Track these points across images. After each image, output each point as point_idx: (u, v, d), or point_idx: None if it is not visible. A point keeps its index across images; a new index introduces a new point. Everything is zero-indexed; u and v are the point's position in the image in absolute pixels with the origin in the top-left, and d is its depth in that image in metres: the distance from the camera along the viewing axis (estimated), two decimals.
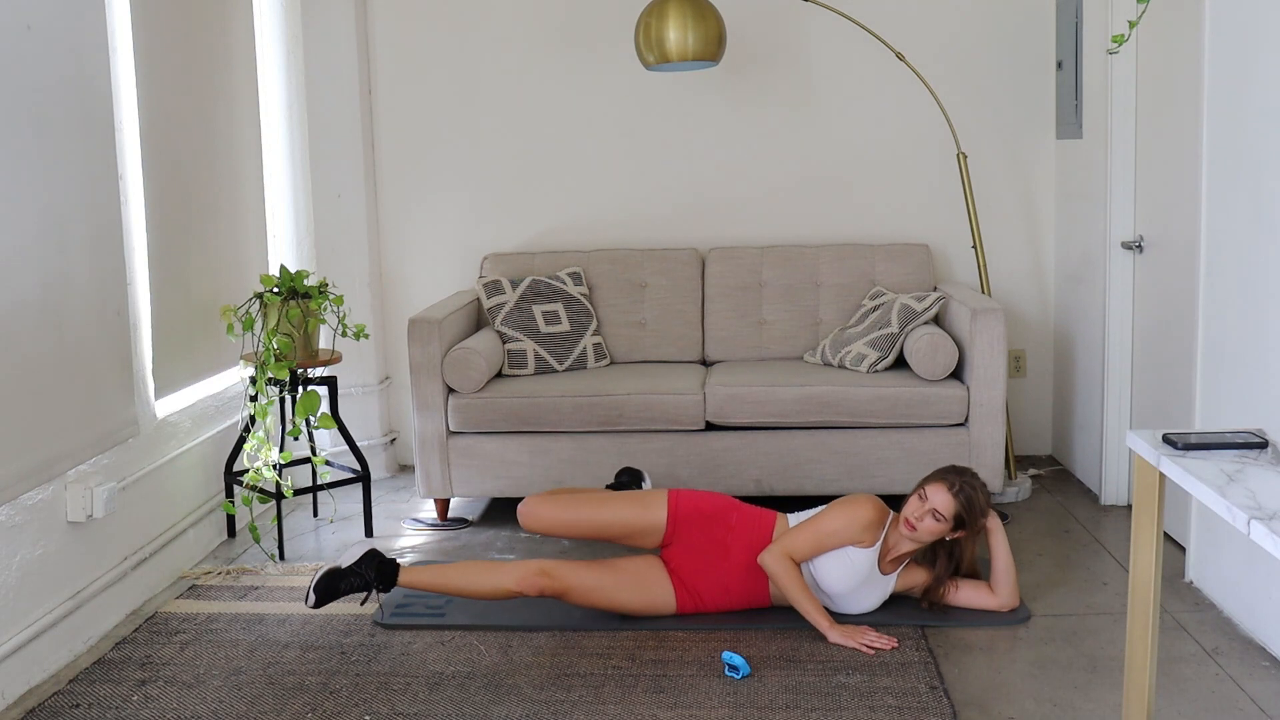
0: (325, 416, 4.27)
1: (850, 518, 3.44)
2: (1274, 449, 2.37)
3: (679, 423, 4.37)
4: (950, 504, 3.39)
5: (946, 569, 3.50)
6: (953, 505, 3.39)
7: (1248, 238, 3.31)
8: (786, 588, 3.40)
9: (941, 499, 3.39)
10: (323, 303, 4.27)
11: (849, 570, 3.44)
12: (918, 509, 3.42)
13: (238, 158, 4.56)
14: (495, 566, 3.58)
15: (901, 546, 3.47)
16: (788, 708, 2.99)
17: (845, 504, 3.50)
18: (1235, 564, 3.44)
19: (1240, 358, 3.37)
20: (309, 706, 3.06)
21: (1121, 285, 4.40)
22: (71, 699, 3.13)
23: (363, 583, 3.48)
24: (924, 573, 3.54)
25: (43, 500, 3.28)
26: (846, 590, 3.47)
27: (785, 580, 3.40)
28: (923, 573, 3.54)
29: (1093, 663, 3.23)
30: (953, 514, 3.39)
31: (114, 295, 3.60)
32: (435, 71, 5.21)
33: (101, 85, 3.54)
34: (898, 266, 4.91)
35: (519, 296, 4.79)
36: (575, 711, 3.00)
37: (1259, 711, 2.94)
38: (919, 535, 3.42)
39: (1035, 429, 5.24)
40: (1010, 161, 5.12)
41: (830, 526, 3.44)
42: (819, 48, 5.11)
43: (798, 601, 3.39)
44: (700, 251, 5.07)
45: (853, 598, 3.49)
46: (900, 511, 3.47)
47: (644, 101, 5.16)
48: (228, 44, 4.51)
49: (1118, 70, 4.29)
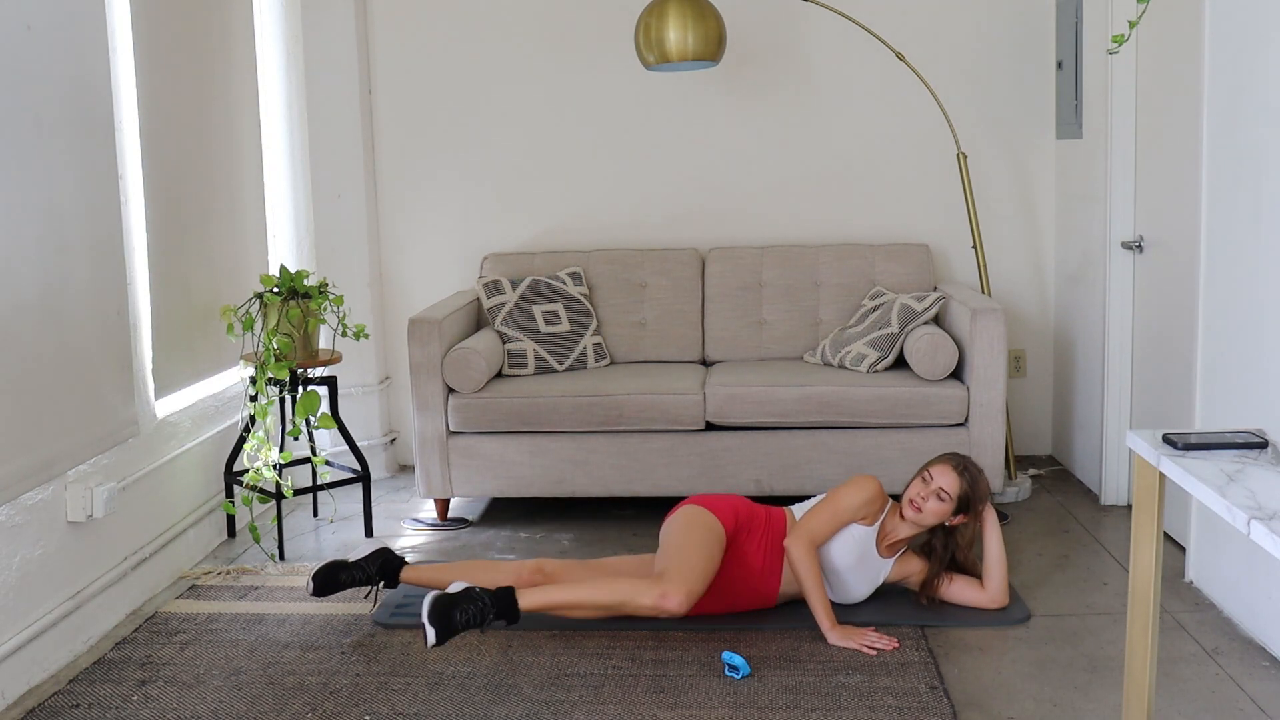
0: (325, 416, 4.27)
1: (861, 493, 3.48)
2: (1274, 449, 2.37)
3: (679, 423, 4.37)
4: (956, 483, 3.43)
5: (943, 558, 3.51)
6: (959, 485, 3.43)
7: (1248, 238, 3.31)
8: (805, 576, 3.39)
9: (948, 479, 3.43)
10: (323, 303, 4.27)
11: (851, 544, 3.48)
12: (922, 490, 3.45)
13: (237, 158, 4.56)
14: (495, 565, 3.62)
15: (899, 531, 3.50)
16: (788, 708, 2.99)
17: (853, 483, 3.53)
18: (1235, 564, 3.44)
19: (1240, 358, 3.37)
20: (309, 706, 3.06)
21: (1121, 285, 4.40)
22: (71, 699, 3.13)
23: (364, 576, 3.52)
24: (920, 562, 3.56)
25: (43, 500, 3.28)
26: (848, 565, 3.49)
27: (807, 569, 3.39)
28: (919, 562, 3.56)
29: (1093, 663, 3.23)
30: (958, 494, 3.42)
31: (114, 295, 3.60)
32: (435, 71, 5.21)
33: (101, 85, 3.54)
34: (898, 266, 4.91)
35: (519, 296, 4.79)
36: (575, 711, 3.00)
37: (1259, 711, 2.94)
38: (923, 518, 3.45)
39: (1035, 429, 5.24)
40: (1010, 161, 5.12)
41: (845, 504, 3.47)
42: (819, 48, 5.11)
43: (810, 592, 3.38)
44: (700, 251, 5.07)
45: (850, 578, 3.51)
46: (901, 497, 3.50)
47: (644, 101, 5.16)
48: (228, 44, 4.51)
49: (1118, 70, 4.29)
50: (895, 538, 3.50)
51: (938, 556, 3.52)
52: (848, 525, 3.47)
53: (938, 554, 3.52)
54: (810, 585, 3.39)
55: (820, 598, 3.38)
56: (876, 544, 3.51)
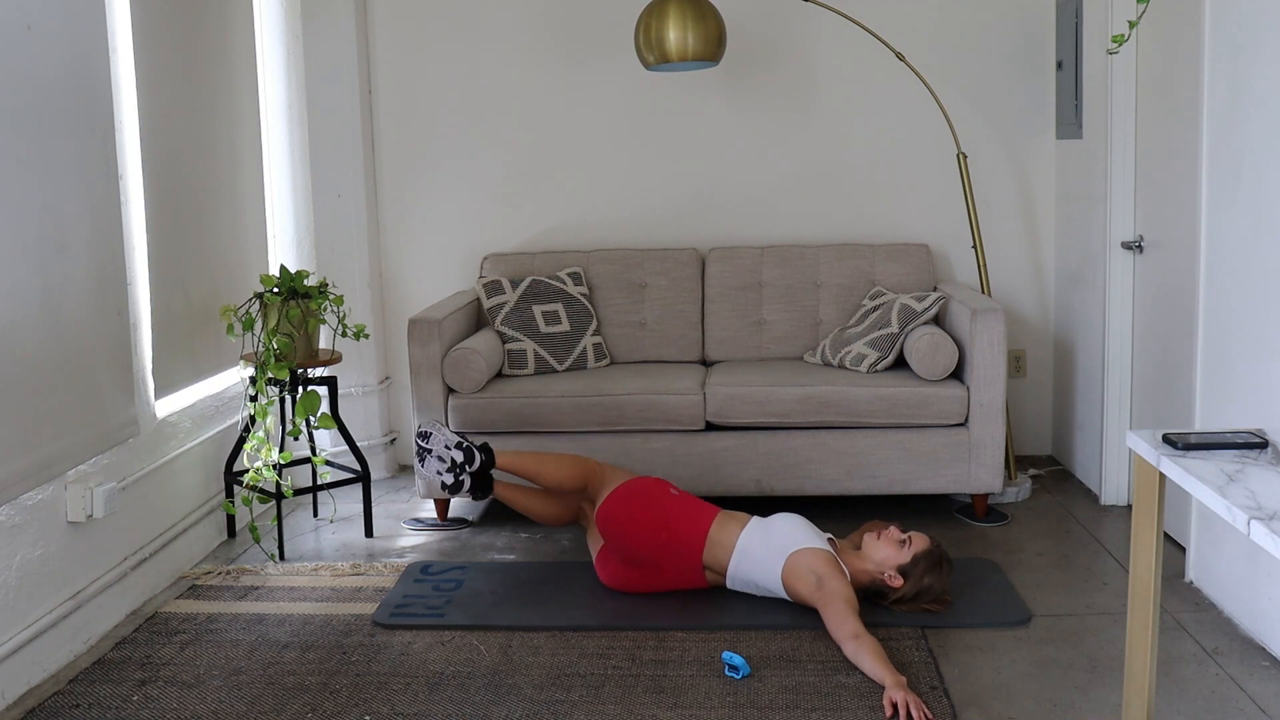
0: (325, 416, 4.27)
1: (831, 568, 3.44)
2: (1274, 449, 2.37)
3: (679, 423, 4.37)
4: (924, 544, 3.52)
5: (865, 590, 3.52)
6: (925, 545, 3.51)
7: (1248, 238, 3.31)
8: (870, 652, 3.13)
9: (921, 539, 3.53)
10: (323, 303, 4.27)
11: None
12: (894, 532, 3.55)
13: (238, 158, 4.56)
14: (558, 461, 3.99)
15: (844, 557, 3.54)
16: (788, 708, 2.99)
17: (817, 566, 3.44)
18: (1235, 564, 3.44)
19: (1240, 358, 3.37)
20: (309, 706, 3.06)
21: (1121, 285, 4.40)
22: (71, 699, 3.13)
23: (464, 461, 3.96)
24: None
25: (43, 500, 3.28)
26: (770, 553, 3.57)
27: (869, 644, 3.16)
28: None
29: (1093, 663, 3.23)
30: (918, 551, 3.48)
31: (114, 295, 3.60)
32: (435, 71, 5.21)
33: (101, 85, 3.54)
34: (898, 266, 4.92)
35: (519, 296, 4.79)
36: (575, 711, 3.00)
37: (1259, 711, 2.94)
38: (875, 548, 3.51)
39: (1035, 429, 5.24)
40: (1010, 161, 5.12)
41: (838, 583, 3.39)
42: (819, 48, 5.11)
43: (874, 664, 3.11)
44: (700, 251, 5.08)
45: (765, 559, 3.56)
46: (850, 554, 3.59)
47: (644, 101, 5.16)
48: (228, 44, 4.51)
49: (1118, 70, 4.29)
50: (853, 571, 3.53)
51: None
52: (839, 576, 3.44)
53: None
54: (872, 656, 3.13)
55: (882, 659, 3.12)
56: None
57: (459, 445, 3.97)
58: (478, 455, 3.97)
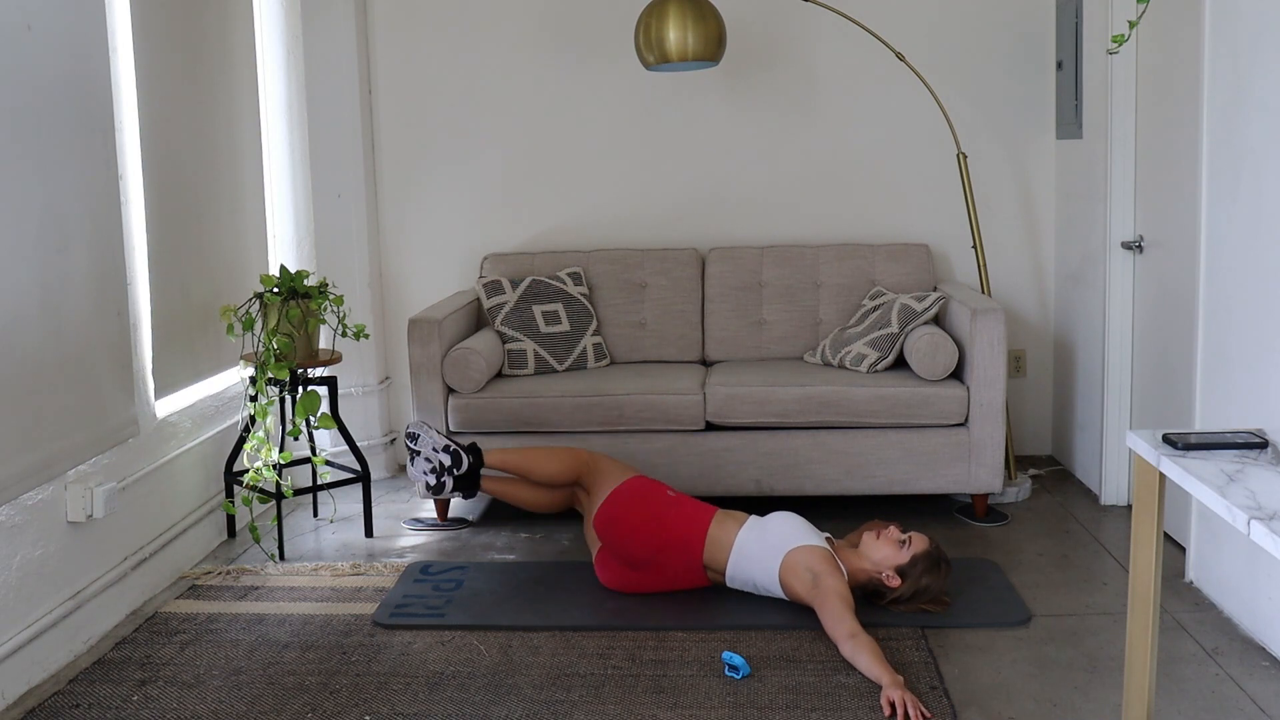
0: (325, 416, 4.27)
1: (828, 565, 3.44)
2: (1274, 449, 2.37)
3: (679, 423, 4.37)
4: (924, 544, 3.51)
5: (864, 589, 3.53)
6: (925, 546, 3.50)
7: (1248, 238, 3.31)
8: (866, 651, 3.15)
9: (920, 539, 3.53)
10: (323, 303, 4.27)
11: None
12: (895, 533, 3.54)
13: (238, 158, 4.56)
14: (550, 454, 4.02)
15: (843, 555, 3.54)
16: (788, 708, 2.99)
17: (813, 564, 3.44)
18: (1235, 564, 3.44)
19: (1240, 358, 3.37)
20: (309, 706, 3.06)
21: (1121, 285, 4.40)
22: (71, 699, 3.13)
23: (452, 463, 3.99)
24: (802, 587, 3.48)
25: (43, 500, 3.28)
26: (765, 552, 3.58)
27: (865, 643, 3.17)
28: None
29: (1093, 663, 3.23)
30: (918, 552, 3.48)
31: (114, 295, 3.60)
32: (435, 71, 5.21)
33: (101, 85, 3.54)
34: (898, 266, 4.92)
35: (519, 296, 4.79)
36: (575, 711, 3.00)
37: (1259, 711, 2.94)
38: (874, 546, 3.51)
39: (1035, 429, 5.24)
40: (1010, 161, 5.12)
41: (834, 581, 3.39)
42: (819, 48, 5.11)
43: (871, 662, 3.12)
44: (700, 251, 5.08)
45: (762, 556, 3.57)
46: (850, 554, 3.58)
47: (644, 101, 5.16)
48: (228, 44, 4.51)
49: (1118, 70, 4.29)
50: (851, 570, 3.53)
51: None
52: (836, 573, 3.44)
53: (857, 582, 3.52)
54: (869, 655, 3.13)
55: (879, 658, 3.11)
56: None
57: (446, 449, 3.99)
58: (465, 458, 4.00)
